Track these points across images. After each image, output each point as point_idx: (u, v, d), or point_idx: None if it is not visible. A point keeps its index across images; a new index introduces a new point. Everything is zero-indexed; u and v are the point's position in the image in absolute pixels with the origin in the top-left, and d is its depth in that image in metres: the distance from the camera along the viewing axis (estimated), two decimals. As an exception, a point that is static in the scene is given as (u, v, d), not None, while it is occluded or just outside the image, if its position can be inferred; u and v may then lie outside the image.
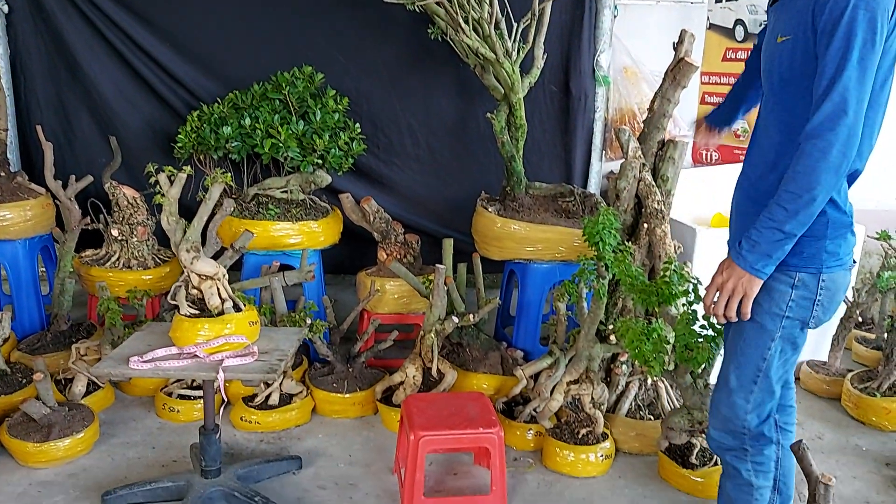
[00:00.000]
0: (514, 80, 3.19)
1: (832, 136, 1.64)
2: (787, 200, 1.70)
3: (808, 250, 1.80)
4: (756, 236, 1.74)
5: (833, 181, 1.68)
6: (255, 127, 3.23)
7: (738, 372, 1.94)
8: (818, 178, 1.66)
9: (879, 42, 1.65)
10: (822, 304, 1.84)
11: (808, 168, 1.67)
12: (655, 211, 2.93)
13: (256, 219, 3.28)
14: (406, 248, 3.36)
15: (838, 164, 1.66)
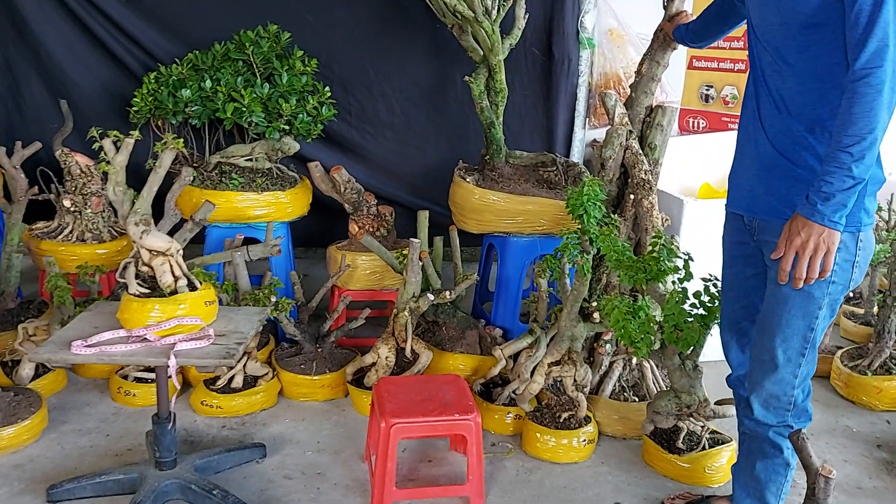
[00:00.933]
0: (494, 40, 2.99)
1: (882, 73, 1.61)
2: (850, 145, 1.63)
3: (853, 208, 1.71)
4: (827, 188, 1.65)
5: (888, 118, 1.64)
6: (217, 90, 3.01)
7: (785, 346, 1.84)
8: (876, 115, 1.62)
9: None
10: (859, 265, 1.81)
11: (865, 108, 1.62)
12: (642, 181, 2.76)
13: (219, 189, 3.07)
14: (379, 221, 3.17)
15: (891, 100, 1.63)
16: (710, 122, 3.83)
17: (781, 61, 1.81)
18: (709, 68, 3.78)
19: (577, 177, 3.20)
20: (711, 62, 3.76)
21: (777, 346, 1.85)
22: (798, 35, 1.75)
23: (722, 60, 3.72)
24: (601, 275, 2.81)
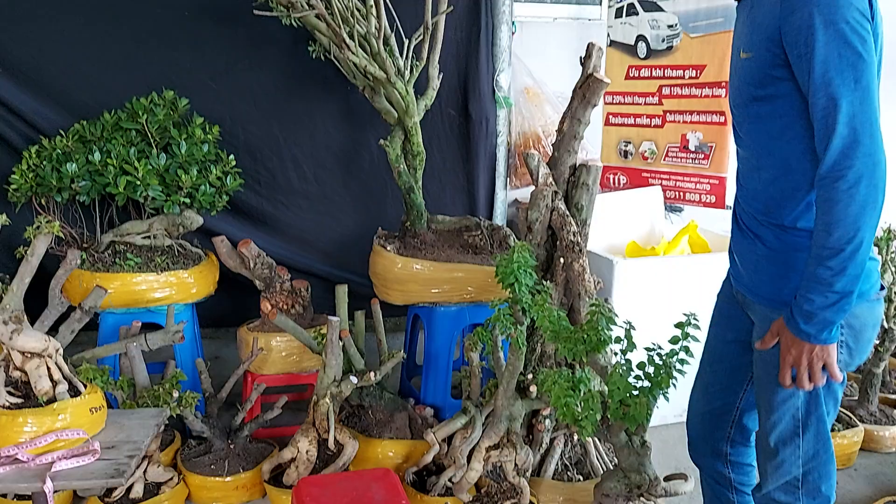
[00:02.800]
0: (409, 101, 2.84)
1: (853, 174, 1.44)
2: (828, 257, 1.48)
3: None
4: (808, 306, 1.51)
5: (872, 219, 1.45)
6: (107, 163, 2.74)
7: (778, 429, 1.72)
8: (854, 222, 1.45)
9: (870, 48, 1.44)
10: (846, 346, 1.62)
11: (839, 216, 1.46)
12: (571, 244, 2.63)
13: (112, 271, 2.77)
14: (294, 297, 2.93)
15: (873, 200, 1.45)
16: (631, 178, 3.79)
17: (739, 131, 1.72)
18: (625, 124, 3.75)
19: (503, 240, 3.06)
20: (628, 118, 3.73)
21: (768, 430, 1.74)
22: (750, 105, 1.64)
23: (638, 116, 3.70)
24: (535, 344, 2.64)
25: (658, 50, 3.57)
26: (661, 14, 3.53)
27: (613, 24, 3.74)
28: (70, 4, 3.04)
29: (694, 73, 3.46)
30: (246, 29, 3.13)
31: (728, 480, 1.99)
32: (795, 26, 1.48)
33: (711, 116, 3.43)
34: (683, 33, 3.47)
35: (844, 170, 1.44)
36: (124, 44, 3.10)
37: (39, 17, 3.04)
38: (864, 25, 1.44)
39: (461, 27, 3.36)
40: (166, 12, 3.11)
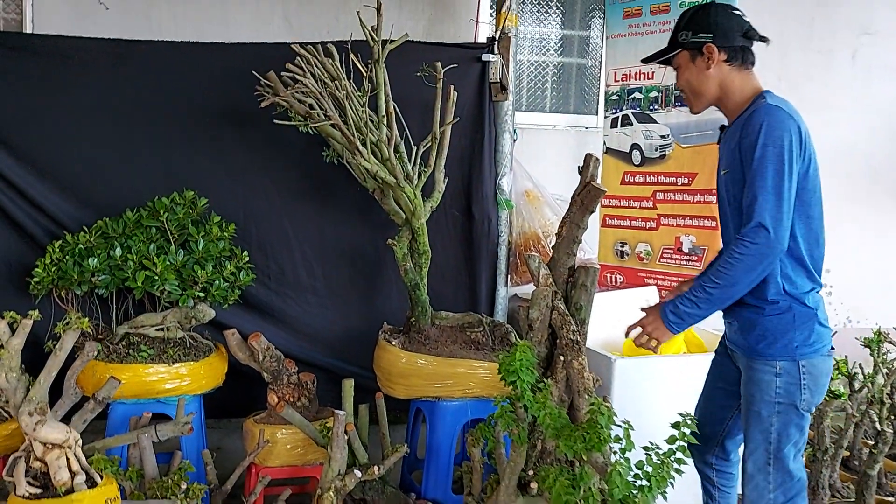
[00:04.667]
0: (417, 204, 3.01)
1: (753, 247, 2.03)
2: (709, 284, 2.14)
3: (781, 341, 2.15)
4: (680, 304, 2.19)
5: (747, 280, 2.09)
6: (127, 258, 2.87)
7: (754, 457, 2.23)
8: (737, 275, 2.08)
9: (791, 169, 2.03)
10: (808, 388, 2.16)
11: (729, 266, 2.08)
12: (571, 342, 2.73)
13: (126, 362, 2.86)
14: (300, 390, 3.00)
15: (754, 267, 2.06)
16: (627, 277, 3.92)
17: (724, 232, 2.32)
18: (622, 226, 3.92)
19: (504, 336, 3.16)
20: (624, 220, 3.90)
21: (748, 458, 2.24)
22: (732, 212, 2.22)
23: (634, 219, 3.86)
24: (536, 440, 2.70)
25: (651, 158, 3.77)
26: (654, 125, 3.75)
27: (609, 132, 3.96)
28: (99, 108, 3.25)
29: (686, 180, 3.65)
30: (263, 133, 3.32)
31: (713, 482, 2.52)
32: (747, 145, 2.07)
33: (703, 221, 3.59)
34: (675, 143, 3.68)
35: (749, 242, 2.03)
36: (149, 145, 3.29)
37: (69, 119, 3.24)
38: (794, 148, 2.03)
39: (465, 134, 3.57)
40: (190, 117, 3.31)
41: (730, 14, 2.22)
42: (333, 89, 2.81)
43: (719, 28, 2.18)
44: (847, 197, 4.70)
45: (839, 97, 4.62)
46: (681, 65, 2.28)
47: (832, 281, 4.82)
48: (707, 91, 2.24)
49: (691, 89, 2.28)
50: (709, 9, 2.23)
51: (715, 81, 2.21)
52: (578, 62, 4.47)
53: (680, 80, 2.31)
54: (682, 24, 2.25)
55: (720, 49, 2.17)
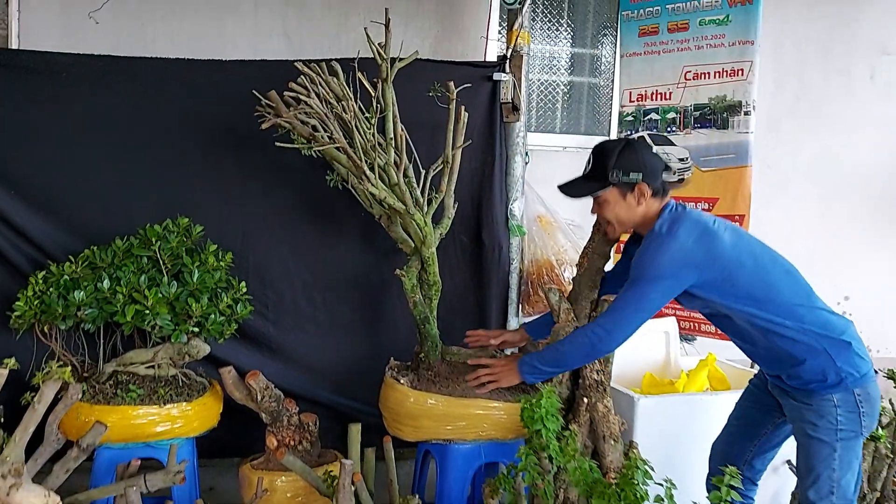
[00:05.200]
0: (427, 232, 2.81)
1: (602, 335, 2.37)
2: (551, 352, 2.50)
3: (831, 377, 2.23)
4: (533, 362, 2.52)
5: (583, 361, 2.47)
6: (116, 290, 2.66)
7: (816, 486, 2.27)
8: (576, 354, 2.44)
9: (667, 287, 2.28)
10: (866, 414, 2.25)
11: (576, 344, 2.43)
12: (595, 383, 2.54)
13: (113, 403, 2.65)
14: (301, 432, 2.79)
15: (585, 355, 2.44)
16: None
17: None
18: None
19: (520, 374, 2.95)
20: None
21: (808, 487, 2.28)
22: None
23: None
24: (558, 490, 2.50)
25: (670, 182, 3.59)
26: (672, 148, 3.59)
27: (624, 154, 3.78)
28: (88, 128, 3.06)
29: (706, 205, 3.48)
30: (262, 155, 3.14)
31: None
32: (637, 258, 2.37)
33: (725, 248, 3.41)
34: (695, 167, 3.51)
35: (598, 328, 2.38)
36: (141, 169, 3.10)
37: (56, 140, 3.04)
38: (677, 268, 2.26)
39: (475, 157, 3.39)
40: (185, 138, 3.12)
41: (653, 155, 2.41)
42: (340, 110, 2.62)
43: (647, 167, 2.33)
44: (867, 220, 4.55)
45: (858, 118, 4.48)
46: (608, 200, 2.39)
47: (851, 308, 4.65)
48: (632, 222, 2.41)
49: (618, 222, 2.43)
50: (635, 148, 2.38)
51: (641, 213, 2.36)
52: (590, 81, 4.31)
53: (606, 213, 2.43)
54: (610, 162, 2.33)
55: (649, 186, 2.32)
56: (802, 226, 4.50)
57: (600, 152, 2.40)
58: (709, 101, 3.44)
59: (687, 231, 2.25)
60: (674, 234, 2.25)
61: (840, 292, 4.61)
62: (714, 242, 2.24)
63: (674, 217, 2.30)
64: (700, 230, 2.26)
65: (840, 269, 4.56)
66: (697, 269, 2.24)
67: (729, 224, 2.34)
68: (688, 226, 2.26)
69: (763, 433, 2.54)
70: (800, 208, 4.48)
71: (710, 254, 2.23)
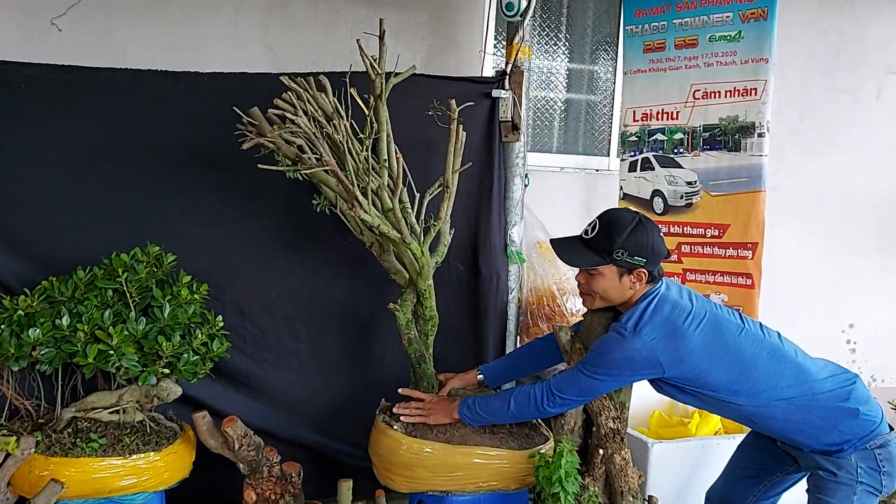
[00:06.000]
0: (424, 263, 2.57)
1: (545, 401, 2.28)
2: (498, 402, 2.41)
3: (844, 446, 2.14)
4: (475, 406, 2.44)
5: (518, 419, 2.48)
6: (77, 328, 2.38)
7: None
8: (515, 412, 2.38)
9: (612, 381, 2.24)
10: (888, 473, 2.15)
11: (519, 400, 2.34)
12: (612, 432, 2.31)
13: (72, 455, 2.36)
14: (283, 484, 2.52)
15: (529, 415, 2.40)
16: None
17: None
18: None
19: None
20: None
21: None
22: None
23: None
24: (571, 553, 2.26)
25: (676, 206, 3.40)
26: (680, 170, 3.39)
27: (627, 177, 3.58)
28: (49, 146, 2.75)
29: (716, 231, 3.28)
30: (240, 177, 2.87)
31: None
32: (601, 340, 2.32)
33: (737, 278, 3.22)
34: (703, 191, 3.31)
35: (550, 394, 2.26)
36: (107, 191, 2.80)
37: (12, 158, 2.74)
38: (635, 368, 2.20)
39: (472, 179, 3.15)
40: (156, 158, 2.84)
41: (661, 238, 2.26)
42: (330, 130, 2.37)
43: (653, 254, 2.21)
44: (873, 246, 4.38)
45: (864, 138, 4.33)
46: (603, 275, 2.26)
47: (856, 336, 4.49)
48: (617, 301, 2.29)
49: (603, 297, 2.29)
50: (648, 232, 2.23)
51: (628, 295, 2.26)
52: (588, 98, 4.10)
53: (594, 286, 2.29)
54: (619, 239, 2.20)
55: (648, 273, 2.22)
56: (806, 252, 4.32)
57: (609, 224, 2.25)
58: (719, 122, 3.24)
59: (653, 330, 2.15)
60: (638, 334, 2.15)
61: (845, 320, 4.44)
62: (680, 343, 2.14)
63: (646, 309, 2.19)
64: (667, 331, 2.15)
65: (845, 296, 4.39)
66: (660, 367, 2.16)
67: (711, 314, 2.21)
68: (656, 324, 2.16)
69: (770, 479, 2.39)
70: (804, 233, 4.31)
71: (675, 354, 2.14)
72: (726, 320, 2.24)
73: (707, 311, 2.23)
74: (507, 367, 2.73)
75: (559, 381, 2.26)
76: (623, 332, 2.18)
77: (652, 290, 2.25)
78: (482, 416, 2.42)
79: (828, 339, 4.33)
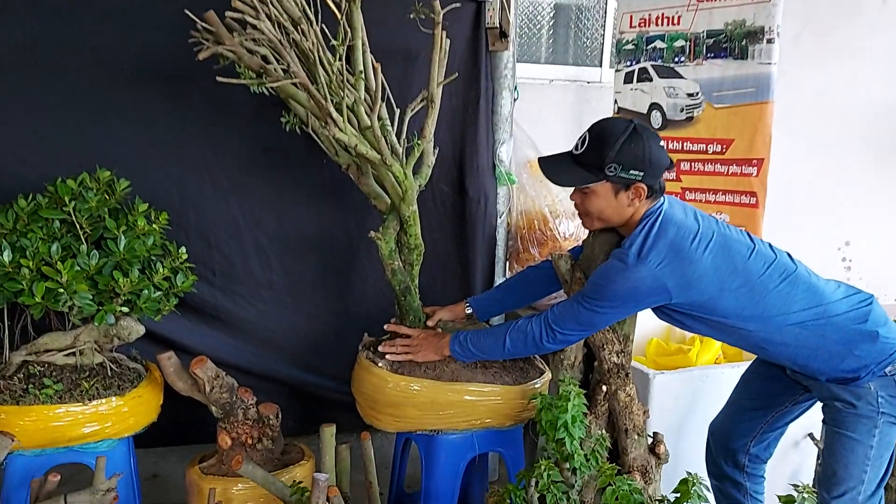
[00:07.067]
0: (407, 186, 2.33)
1: (542, 337, 2.09)
2: (491, 338, 2.23)
3: (862, 372, 1.99)
4: (466, 342, 2.25)
5: (514, 356, 2.29)
6: (21, 264, 2.12)
7: (851, 496, 2.04)
8: (510, 348, 2.18)
9: (619, 310, 2.04)
10: None
11: (515, 336, 2.15)
12: (615, 367, 2.14)
13: (24, 403, 2.14)
14: (261, 428, 2.34)
15: (526, 351, 2.18)
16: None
17: None
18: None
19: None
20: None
21: (833, 497, 2.06)
22: None
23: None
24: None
25: (676, 120, 3.16)
26: (680, 81, 3.13)
27: (622, 89, 3.32)
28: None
29: (718, 147, 3.06)
30: (201, 90, 2.57)
31: (745, 488, 2.31)
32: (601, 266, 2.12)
33: (740, 197, 3.02)
34: (706, 103, 3.07)
35: (549, 329, 2.07)
36: (49, 111, 2.48)
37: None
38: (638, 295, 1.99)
39: (458, 93, 2.88)
40: (104, 71, 2.52)
41: (660, 148, 2.02)
42: (298, 37, 2.08)
43: (651, 165, 1.98)
44: (871, 162, 4.20)
45: (867, 48, 4.08)
46: (597, 193, 2.03)
47: (852, 254, 4.36)
48: (616, 221, 2.08)
49: (600, 217, 2.08)
50: (644, 142, 1.97)
51: (628, 214, 2.05)
52: (577, 3, 3.79)
53: (588, 206, 2.07)
54: (611, 152, 1.95)
55: (647, 187, 2.00)
56: (802, 167, 4.13)
57: (599, 136, 2.00)
58: (725, 27, 2.97)
59: (658, 256, 1.95)
60: (642, 261, 1.95)
61: (841, 237, 4.30)
62: (688, 268, 1.95)
63: (650, 232, 1.98)
64: (674, 255, 1.95)
65: (842, 213, 4.24)
66: (667, 294, 1.97)
67: (718, 234, 2.01)
68: (660, 248, 1.95)
69: (778, 410, 2.26)
70: (800, 148, 4.10)
71: (683, 280, 1.95)
72: (735, 240, 2.05)
73: (714, 231, 2.03)
74: (497, 299, 2.53)
75: (557, 316, 2.06)
76: (625, 259, 1.97)
77: (654, 209, 2.04)
78: (474, 353, 2.25)
79: (823, 258, 4.19)
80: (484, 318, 2.52)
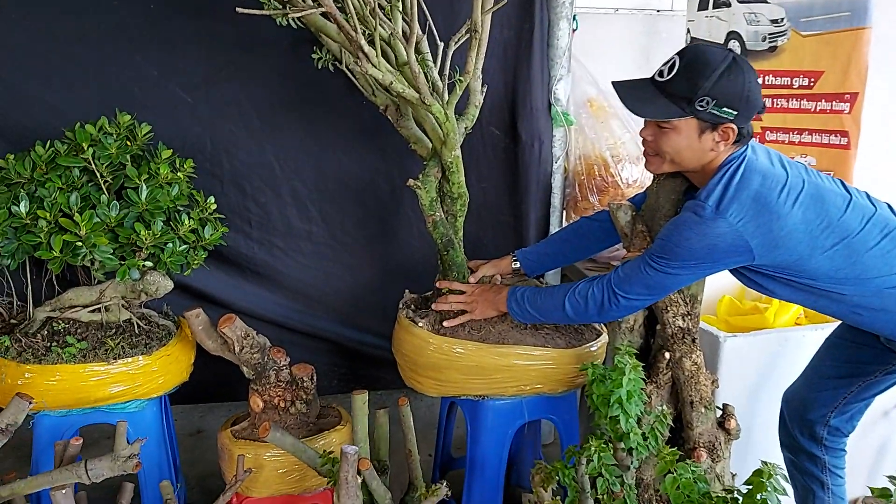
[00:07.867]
0: (449, 129, 2.09)
1: (605, 302, 1.86)
2: (548, 298, 1.99)
3: None
4: (523, 300, 2.03)
5: (573, 321, 2.03)
6: (38, 215, 2.00)
7: None
8: (569, 313, 1.94)
9: (694, 269, 1.77)
10: None
11: (575, 299, 1.92)
12: (681, 331, 1.90)
13: (47, 361, 2.04)
14: (294, 390, 2.19)
15: (587, 317, 1.93)
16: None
17: None
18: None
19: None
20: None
21: None
22: None
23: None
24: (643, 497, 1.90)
25: (757, 51, 2.81)
26: (762, 6, 2.77)
27: (696, 17, 2.98)
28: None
29: (806, 80, 2.71)
30: (231, 27, 2.39)
31: (822, 462, 2.09)
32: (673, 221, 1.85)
33: (829, 137, 2.68)
34: (792, 30, 2.71)
35: (613, 293, 1.84)
36: (66, 49, 2.33)
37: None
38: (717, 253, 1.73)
39: (509, 25, 2.60)
40: (123, 7, 2.34)
41: (759, 86, 1.75)
42: (323, -43, 1.84)
43: (748, 105, 1.72)
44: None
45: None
46: (680, 130, 1.75)
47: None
48: (692, 166, 1.81)
49: (675, 159, 1.80)
50: (744, 76, 1.70)
51: (708, 159, 1.78)
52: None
53: (664, 143, 1.78)
54: (706, 83, 1.68)
55: (737, 129, 1.73)
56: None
57: (694, 63, 1.71)
58: (818, -59, 2.60)
59: (740, 209, 1.70)
60: (722, 214, 1.70)
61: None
62: (775, 224, 1.70)
63: (731, 181, 1.72)
64: (759, 207, 1.70)
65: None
66: (750, 254, 1.72)
67: (809, 184, 1.75)
68: (743, 200, 1.70)
69: (865, 380, 1.99)
70: (898, 82, 3.66)
71: (769, 238, 1.71)
72: (829, 191, 1.77)
73: (805, 180, 1.75)
74: (547, 253, 2.29)
75: (622, 278, 1.83)
76: (701, 212, 1.71)
77: (735, 155, 1.76)
78: (531, 314, 2.03)
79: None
80: (533, 275, 2.29)
